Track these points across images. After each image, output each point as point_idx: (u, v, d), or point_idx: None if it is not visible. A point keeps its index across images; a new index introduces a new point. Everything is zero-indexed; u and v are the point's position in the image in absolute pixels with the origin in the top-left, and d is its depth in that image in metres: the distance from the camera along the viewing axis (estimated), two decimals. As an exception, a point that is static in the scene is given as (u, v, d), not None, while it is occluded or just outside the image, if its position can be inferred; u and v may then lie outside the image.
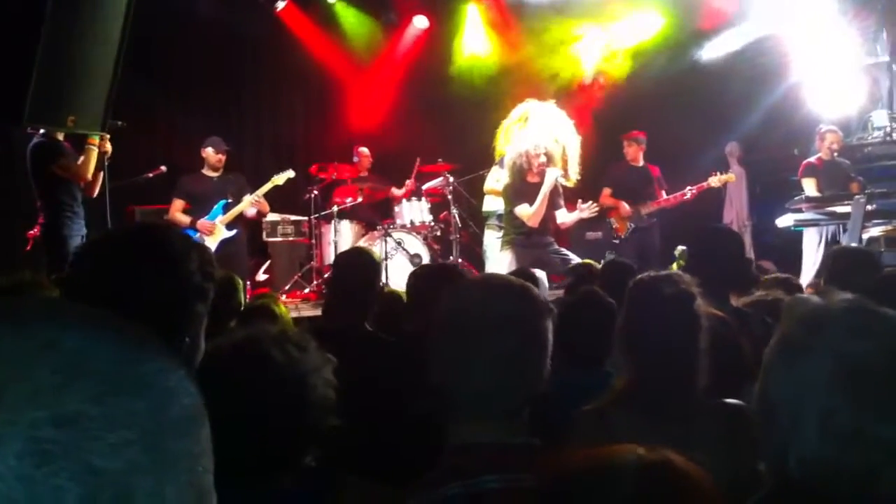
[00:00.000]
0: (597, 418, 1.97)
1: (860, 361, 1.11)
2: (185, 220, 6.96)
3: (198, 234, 6.92)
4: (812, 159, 7.56)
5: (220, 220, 7.00)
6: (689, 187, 7.65)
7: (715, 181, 7.62)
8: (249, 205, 7.06)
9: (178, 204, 7.02)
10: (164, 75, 8.55)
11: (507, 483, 1.34)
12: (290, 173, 7.37)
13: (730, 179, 7.83)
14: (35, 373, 0.49)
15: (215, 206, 7.01)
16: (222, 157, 7.06)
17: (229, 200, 7.05)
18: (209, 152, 7.05)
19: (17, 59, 4.90)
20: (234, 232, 7.06)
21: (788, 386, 1.16)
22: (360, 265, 3.19)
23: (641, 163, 8.01)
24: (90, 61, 5.00)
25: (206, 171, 7.09)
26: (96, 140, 5.64)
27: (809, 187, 7.35)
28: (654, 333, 1.98)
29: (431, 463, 1.43)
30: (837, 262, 3.52)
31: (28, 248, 6.02)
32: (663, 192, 7.87)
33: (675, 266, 4.80)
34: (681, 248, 5.32)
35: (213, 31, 8.78)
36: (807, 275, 6.69)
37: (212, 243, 6.93)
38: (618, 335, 2.09)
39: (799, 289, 3.85)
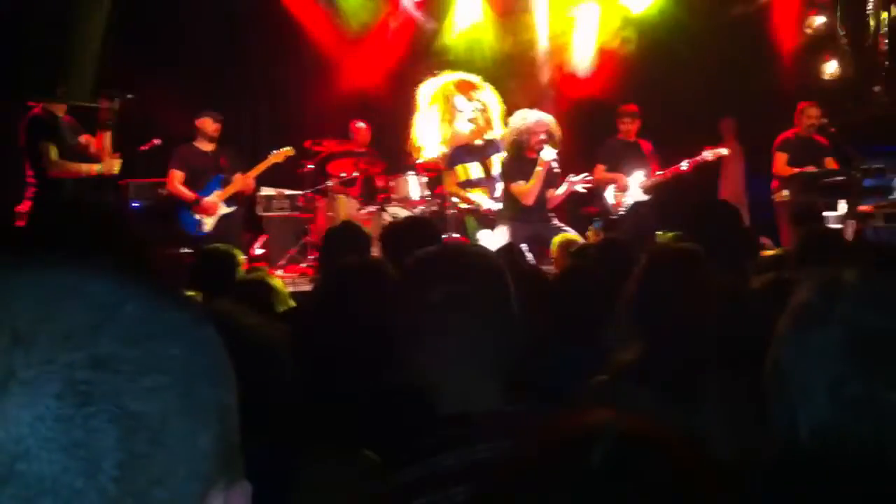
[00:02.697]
0: (606, 390, 1.96)
1: (872, 330, 1.12)
2: (190, 195, 6.91)
3: (196, 214, 6.92)
4: (788, 133, 7.55)
5: (218, 196, 6.99)
6: (684, 161, 7.65)
7: (709, 155, 7.61)
8: (243, 183, 7.05)
9: (179, 175, 6.94)
10: (158, 48, 8.46)
11: (501, 452, 1.33)
12: (290, 150, 7.35)
13: (722, 153, 7.80)
14: (66, 314, 0.49)
15: (211, 182, 6.99)
16: (219, 127, 7.02)
17: (224, 176, 7.03)
18: (207, 121, 6.98)
19: (8, 31, 4.86)
20: (233, 208, 7.08)
21: (799, 354, 1.17)
22: (349, 239, 3.18)
23: (634, 138, 7.98)
24: (81, 32, 4.96)
25: (201, 144, 7.03)
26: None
27: (778, 162, 7.38)
28: (671, 308, 1.96)
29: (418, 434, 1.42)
30: (807, 243, 3.45)
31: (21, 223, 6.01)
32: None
33: None
34: (659, 233, 5.34)
35: (209, 4, 8.70)
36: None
37: (211, 220, 6.94)
38: (627, 307, 2.07)
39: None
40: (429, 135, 7.60)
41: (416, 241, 2.57)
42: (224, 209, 7.01)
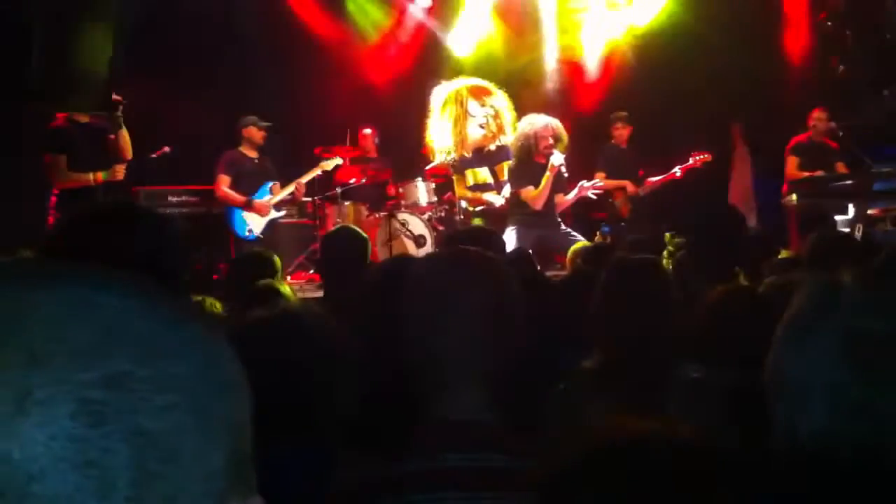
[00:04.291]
0: (567, 397, 1.98)
1: (870, 334, 1.11)
2: (239, 198, 7.05)
3: (245, 214, 7.07)
4: (801, 137, 7.56)
5: (268, 201, 7.11)
6: (677, 167, 7.71)
7: (693, 160, 7.69)
8: (294, 188, 7.31)
9: (226, 179, 7.13)
10: (166, 55, 8.51)
11: (470, 462, 1.34)
12: (338, 160, 7.68)
13: (706, 158, 7.81)
14: (77, 332, 0.49)
15: (262, 187, 7.20)
16: (265, 134, 7.18)
17: (273, 182, 7.25)
18: (253, 130, 7.15)
19: (19, 38, 4.90)
20: (282, 213, 7.32)
21: (799, 360, 1.16)
22: (347, 244, 3.19)
23: (626, 144, 8.03)
24: (91, 39, 5.00)
25: (247, 150, 7.20)
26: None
27: (790, 165, 7.37)
28: (630, 317, 1.99)
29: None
30: (817, 248, 3.42)
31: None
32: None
33: (665, 253, 4.83)
34: (668, 234, 5.35)
35: (216, 10, 8.74)
36: None
37: (261, 223, 7.09)
38: (592, 317, 2.10)
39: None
40: (441, 138, 7.63)
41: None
42: (274, 213, 7.27)
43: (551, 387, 2.10)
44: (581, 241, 5.89)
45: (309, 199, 8.25)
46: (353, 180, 8.17)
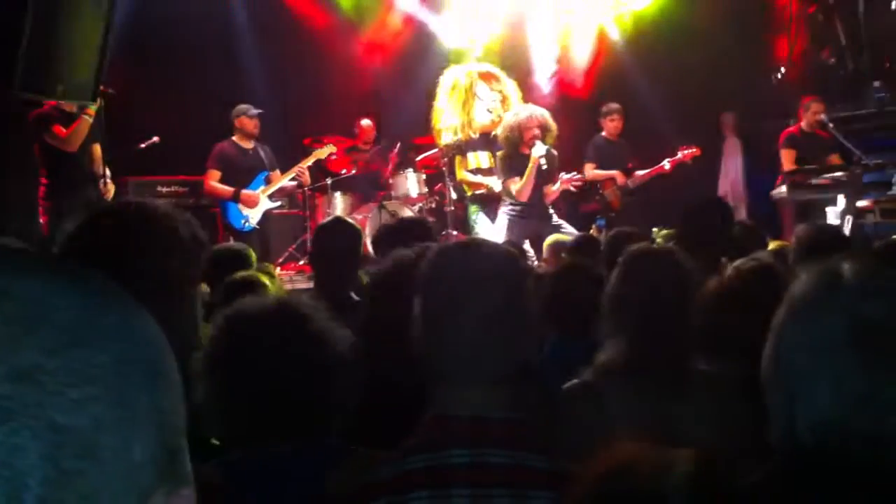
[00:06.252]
0: (588, 393, 1.96)
1: (874, 322, 1.09)
2: (227, 190, 6.95)
3: (240, 206, 6.99)
4: (793, 128, 7.54)
5: (262, 192, 7.05)
6: (666, 160, 7.70)
7: (681, 155, 7.69)
8: (296, 174, 7.25)
9: (215, 174, 7.04)
10: (156, 43, 8.44)
11: (477, 458, 1.33)
12: (333, 148, 7.57)
13: (694, 153, 7.81)
14: None
15: (256, 178, 7.11)
16: (258, 122, 7.08)
17: (269, 172, 7.15)
18: (245, 120, 7.05)
19: (6, 26, 4.84)
20: (278, 203, 7.27)
21: (799, 347, 1.14)
22: (339, 235, 3.17)
23: (617, 136, 8.02)
24: (80, 29, 4.95)
25: (240, 141, 7.10)
26: (93, 111, 5.63)
27: (787, 159, 7.35)
28: (648, 307, 1.97)
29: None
30: (803, 241, 3.42)
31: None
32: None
33: None
34: (655, 229, 5.36)
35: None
36: None
37: (256, 214, 7.04)
38: (608, 307, 2.07)
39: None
40: (448, 118, 7.58)
41: (410, 242, 2.57)
42: (269, 203, 7.19)
43: (563, 380, 2.08)
44: (566, 234, 5.87)
45: (299, 189, 8.22)
46: (343, 171, 8.14)
